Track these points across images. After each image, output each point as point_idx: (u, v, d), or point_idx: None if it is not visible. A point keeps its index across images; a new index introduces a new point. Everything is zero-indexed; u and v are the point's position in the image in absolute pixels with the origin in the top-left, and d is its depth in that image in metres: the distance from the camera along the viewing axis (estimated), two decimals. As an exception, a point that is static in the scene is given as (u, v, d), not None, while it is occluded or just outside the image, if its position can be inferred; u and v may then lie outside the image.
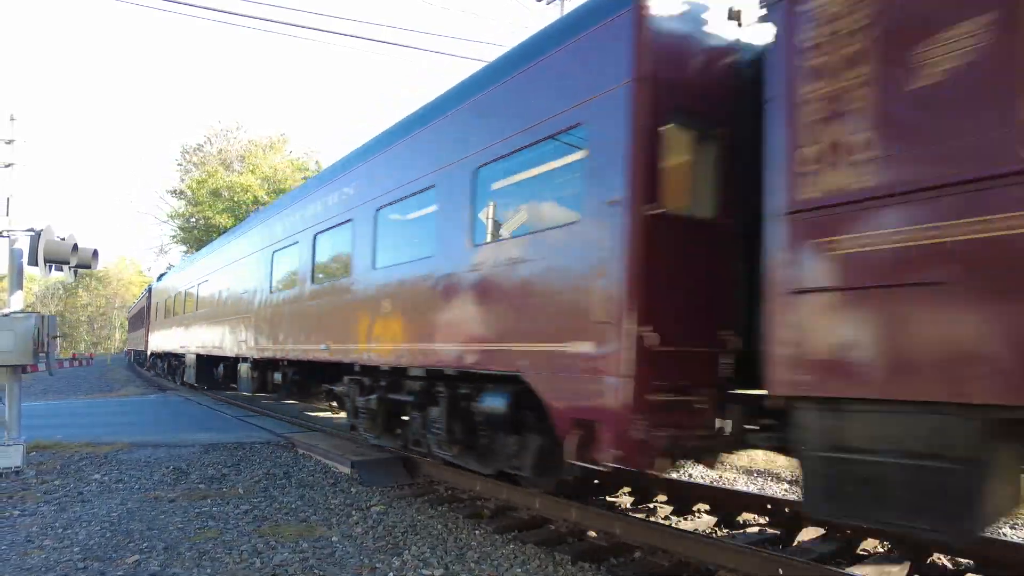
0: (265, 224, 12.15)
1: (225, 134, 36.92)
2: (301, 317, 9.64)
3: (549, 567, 4.66)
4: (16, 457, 7.31)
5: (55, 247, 7.76)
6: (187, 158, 37.13)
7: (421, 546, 5.00)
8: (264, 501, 6.34)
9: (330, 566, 4.59)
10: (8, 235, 7.76)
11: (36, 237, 7.66)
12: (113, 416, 13.26)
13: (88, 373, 31.88)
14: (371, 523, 5.68)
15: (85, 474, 7.40)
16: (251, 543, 5.02)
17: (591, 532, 5.40)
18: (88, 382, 27.85)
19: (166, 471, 7.62)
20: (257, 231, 12.55)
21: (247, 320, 12.20)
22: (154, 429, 10.97)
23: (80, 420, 12.33)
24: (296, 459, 8.47)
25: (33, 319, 7.52)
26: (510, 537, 5.35)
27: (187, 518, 5.73)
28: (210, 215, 29.39)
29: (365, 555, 4.85)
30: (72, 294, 79.11)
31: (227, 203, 29.49)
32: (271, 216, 12.02)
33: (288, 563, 4.61)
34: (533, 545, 5.10)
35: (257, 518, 5.78)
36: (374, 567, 4.57)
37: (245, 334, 12.21)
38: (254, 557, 4.72)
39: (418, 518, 5.84)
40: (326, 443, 8.95)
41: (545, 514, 5.88)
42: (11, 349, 7.41)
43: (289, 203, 11.26)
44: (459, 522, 5.76)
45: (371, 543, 5.15)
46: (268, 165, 31.89)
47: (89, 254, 8.32)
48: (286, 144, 37.90)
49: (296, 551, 4.87)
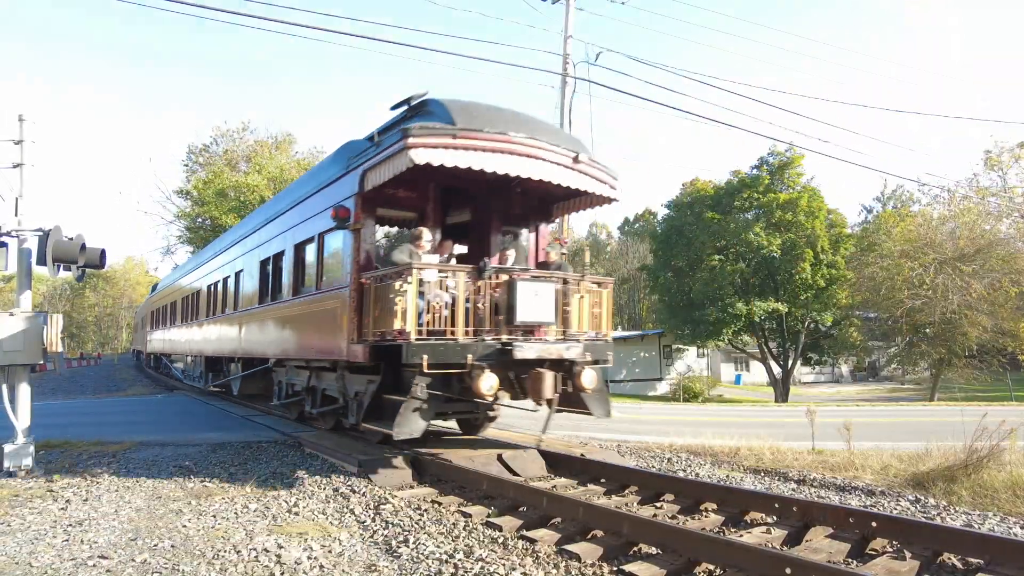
0: (203, 263, 17.78)
1: (231, 135, 37.07)
2: (224, 329, 14.19)
3: (561, 565, 4.65)
4: (26, 456, 7.34)
5: (64, 247, 7.78)
6: (193, 159, 37.29)
7: (428, 544, 5.00)
8: (272, 500, 6.35)
9: (339, 564, 4.59)
10: (17, 235, 7.80)
11: (45, 237, 7.69)
12: (121, 415, 13.31)
13: (95, 372, 32.02)
14: (379, 521, 5.68)
15: (94, 473, 7.43)
16: (260, 542, 5.03)
17: (598, 531, 5.40)
18: (95, 381, 27.98)
19: (174, 470, 7.65)
20: (200, 267, 17.79)
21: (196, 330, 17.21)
22: (162, 428, 11.02)
23: (88, 419, 12.38)
24: (303, 458, 8.49)
25: (41, 318, 7.56)
26: (518, 535, 5.35)
27: (195, 516, 5.75)
28: (217, 215, 29.47)
29: (373, 553, 4.86)
30: (79, 294, 79.38)
31: (233, 203, 29.55)
32: (207, 258, 17.48)
33: (297, 561, 4.62)
34: (541, 543, 5.09)
35: (265, 516, 5.79)
36: (382, 565, 4.58)
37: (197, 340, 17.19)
38: (263, 556, 4.73)
39: (425, 516, 5.84)
40: (333, 442, 8.96)
41: (552, 512, 5.88)
42: (20, 348, 7.45)
43: (211, 252, 17.23)
44: (466, 520, 5.76)
45: (379, 541, 5.15)
46: (274, 165, 31.94)
47: (97, 254, 8.34)
48: (292, 144, 38.02)
49: (304, 549, 4.87)
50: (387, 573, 4.45)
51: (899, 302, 27.33)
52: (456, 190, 8.95)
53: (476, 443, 9.30)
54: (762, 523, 5.82)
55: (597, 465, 7.85)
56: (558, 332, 8.08)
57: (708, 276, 33.97)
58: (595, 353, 8.16)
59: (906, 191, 51.65)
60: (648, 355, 45.17)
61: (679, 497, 6.59)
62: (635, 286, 64.17)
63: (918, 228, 29.93)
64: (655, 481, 7.06)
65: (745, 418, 15.75)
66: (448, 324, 7.25)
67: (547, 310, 7.78)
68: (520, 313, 7.52)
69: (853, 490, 7.23)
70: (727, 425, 11.60)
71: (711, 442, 9.70)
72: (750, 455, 9.05)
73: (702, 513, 6.21)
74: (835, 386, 50.70)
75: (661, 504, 6.49)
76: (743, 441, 9.57)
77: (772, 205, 34.10)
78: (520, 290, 7.52)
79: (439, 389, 7.25)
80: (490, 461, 7.93)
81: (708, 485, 6.90)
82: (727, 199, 36.06)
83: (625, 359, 44.31)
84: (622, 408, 18.58)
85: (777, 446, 9.34)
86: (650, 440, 10.53)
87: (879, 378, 53.89)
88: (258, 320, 11.74)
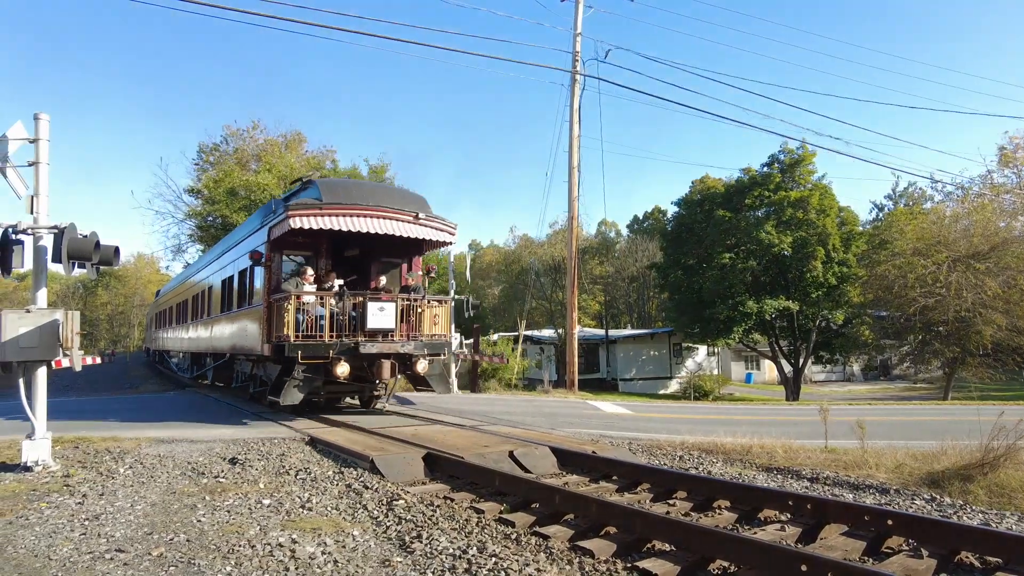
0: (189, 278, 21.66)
1: (241, 134, 37.22)
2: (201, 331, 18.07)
3: (575, 561, 4.65)
4: (43, 451, 7.41)
5: (78, 244, 7.83)
6: (204, 157, 37.47)
7: (441, 539, 5.01)
8: (285, 495, 6.38)
9: (352, 559, 4.61)
10: (33, 233, 7.86)
11: (60, 235, 7.75)
12: (134, 412, 13.42)
13: (109, 370, 32.29)
14: (392, 517, 5.70)
15: (109, 468, 7.49)
16: (274, 537, 5.06)
17: (611, 528, 5.39)
18: (109, 379, 28.21)
19: (187, 466, 7.70)
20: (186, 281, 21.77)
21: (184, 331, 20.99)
22: (174, 424, 11.09)
23: (102, 415, 12.49)
24: (316, 454, 8.53)
25: (58, 315, 7.62)
26: (531, 532, 5.35)
27: (210, 512, 5.79)
28: (227, 213, 29.60)
29: (386, 548, 4.87)
30: (91, 292, 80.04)
31: (244, 201, 29.68)
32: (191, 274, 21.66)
33: (311, 556, 4.64)
34: (554, 539, 5.09)
35: (278, 512, 5.82)
36: (396, 560, 4.59)
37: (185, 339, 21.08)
38: (277, 550, 4.75)
39: (438, 512, 5.85)
40: (345, 439, 8.99)
41: (565, 509, 5.87)
42: (36, 345, 7.51)
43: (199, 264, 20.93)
44: (479, 516, 5.77)
45: (392, 536, 5.17)
46: (284, 164, 32.06)
47: (111, 251, 8.39)
48: (302, 143, 38.14)
49: (318, 544, 4.89)
50: (401, 568, 4.46)
51: (912, 300, 27.06)
52: (346, 234, 11.73)
53: (367, 413, 12.98)
54: (776, 520, 5.79)
55: (609, 462, 7.84)
56: (402, 335, 11.57)
57: (718, 274, 33.80)
58: (432, 349, 11.92)
59: (918, 188, 51.11)
60: (658, 353, 45.04)
61: (691, 494, 6.58)
62: (644, 284, 63.91)
63: (931, 226, 29.64)
64: (667, 478, 7.04)
65: (756, 416, 15.67)
66: (318, 330, 11.00)
67: (389, 320, 11.37)
68: (369, 322, 11.17)
69: (867, 488, 7.18)
70: (738, 423, 11.54)
71: (723, 440, 9.66)
72: (762, 453, 9.00)
73: (715, 510, 6.19)
74: (846, 385, 50.36)
75: (674, 501, 6.47)
76: (755, 439, 9.52)
77: (783, 203, 33.90)
78: (369, 307, 11.20)
79: (312, 373, 11.02)
80: (502, 458, 7.95)
81: (721, 482, 6.88)
82: (737, 197, 35.87)
83: (635, 357, 44.22)
84: (632, 406, 18.55)
85: (789, 444, 9.28)
86: (661, 438, 10.50)
87: (891, 377, 53.45)
88: (220, 324, 15.56)
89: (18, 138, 7.80)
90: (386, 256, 13.82)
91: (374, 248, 13.55)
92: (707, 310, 34.58)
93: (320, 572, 4.36)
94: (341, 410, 13.40)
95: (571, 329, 24.90)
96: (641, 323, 62.57)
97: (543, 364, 34.66)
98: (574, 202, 24.91)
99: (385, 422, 11.36)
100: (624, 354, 44.01)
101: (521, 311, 39.26)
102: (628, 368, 43.45)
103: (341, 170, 33.57)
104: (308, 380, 10.97)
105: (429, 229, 12.23)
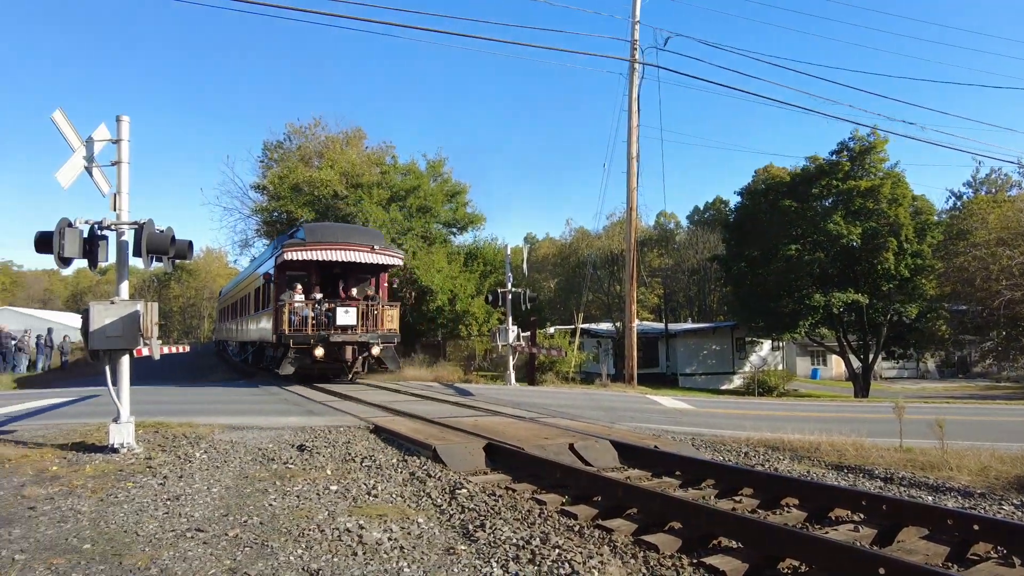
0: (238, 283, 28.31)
1: (304, 131, 38.27)
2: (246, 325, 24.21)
3: (639, 555, 4.60)
4: (128, 434, 7.84)
5: (157, 240, 8.22)
6: (269, 155, 38.72)
7: (504, 529, 5.04)
8: (352, 482, 6.55)
9: (418, 546, 4.69)
10: (116, 229, 8.30)
11: (139, 230, 8.15)
12: (207, 400, 14.05)
13: (181, 360, 33.89)
14: (455, 506, 5.77)
15: (187, 452, 7.86)
16: (342, 522, 5.20)
17: (675, 523, 5.30)
18: (181, 369, 29.63)
19: (258, 452, 8.00)
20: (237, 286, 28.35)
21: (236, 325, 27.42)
22: (246, 412, 11.54)
23: (178, 403, 13.13)
24: (381, 442, 8.72)
25: (139, 306, 8.03)
26: (593, 524, 5.32)
27: (280, 496, 5.99)
28: (292, 209, 30.48)
29: (451, 536, 4.94)
30: (165, 286, 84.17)
31: (308, 197, 30.50)
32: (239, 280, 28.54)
33: (378, 542, 4.74)
34: (617, 532, 5.05)
35: (345, 498, 5.98)
36: (460, 548, 4.64)
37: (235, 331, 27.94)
38: (345, 535, 4.88)
39: (500, 502, 5.89)
40: (408, 427, 9.16)
41: (628, 503, 5.81)
42: (120, 334, 7.94)
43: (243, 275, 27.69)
44: (541, 507, 5.77)
45: (456, 525, 5.23)
46: (346, 160, 32.77)
47: (185, 246, 8.77)
48: (362, 140, 38.92)
49: (385, 530, 5.00)
50: (466, 556, 4.51)
51: (996, 293, 25.59)
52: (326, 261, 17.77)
53: (346, 382, 18.88)
54: (848, 520, 5.58)
55: (671, 457, 7.72)
56: (363, 329, 17.62)
57: (784, 266, 32.71)
58: (385, 339, 17.88)
59: (1003, 174, 48.13)
60: (720, 348, 44.04)
61: (758, 491, 6.40)
62: (704, 277, 62.55)
63: (1018, 213, 27.89)
64: (732, 475, 6.88)
65: (823, 413, 15.13)
66: (304, 326, 17.18)
67: (352, 319, 17.52)
68: (338, 320, 17.39)
69: (948, 491, 6.83)
70: (804, 420, 11.15)
71: (789, 436, 9.37)
72: (831, 450, 8.68)
73: (783, 508, 6.01)
74: (919, 382, 48.05)
75: (740, 498, 6.32)
76: (823, 436, 9.18)
77: (852, 192, 32.51)
78: (338, 311, 17.49)
79: (301, 354, 16.87)
80: (562, 450, 7.93)
81: (788, 479, 6.67)
82: (803, 186, 34.59)
83: (695, 352, 43.36)
84: (693, 401, 18.21)
85: (860, 442, 8.91)
86: (725, 434, 10.26)
87: (970, 375, 50.69)
88: (253, 321, 22.15)
89: (102, 139, 8.23)
90: (359, 274, 19.61)
91: (351, 269, 19.13)
92: (772, 303, 33.54)
93: (387, 558, 4.46)
94: (330, 380, 19.04)
95: (630, 322, 24.63)
96: (701, 317, 61.29)
97: (600, 358, 34.40)
98: (633, 192, 24.58)
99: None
100: (684, 348, 43.20)
101: (577, 304, 39.04)
102: (688, 363, 42.66)
103: (400, 165, 34.04)
104: (297, 359, 16.89)
105: (382, 255, 18.25)
